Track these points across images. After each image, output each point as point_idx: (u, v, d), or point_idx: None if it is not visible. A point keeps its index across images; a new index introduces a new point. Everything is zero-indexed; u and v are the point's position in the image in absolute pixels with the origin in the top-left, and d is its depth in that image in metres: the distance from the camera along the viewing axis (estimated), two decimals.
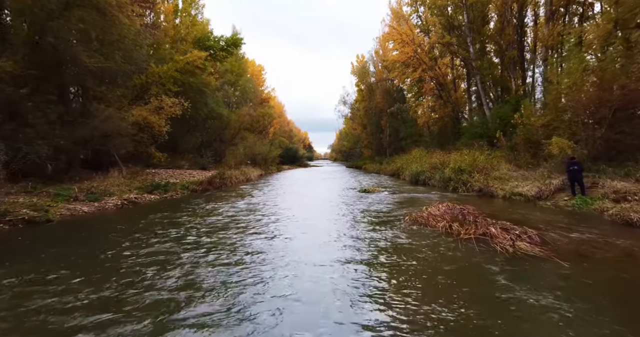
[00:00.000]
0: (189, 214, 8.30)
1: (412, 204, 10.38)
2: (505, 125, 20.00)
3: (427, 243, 5.74)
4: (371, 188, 14.05)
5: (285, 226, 7.07)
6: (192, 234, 6.39)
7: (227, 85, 28.80)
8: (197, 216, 8.05)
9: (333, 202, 10.42)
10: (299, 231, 6.73)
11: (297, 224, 7.34)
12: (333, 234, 6.35)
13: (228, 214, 8.30)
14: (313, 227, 7.02)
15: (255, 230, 6.74)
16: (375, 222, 7.53)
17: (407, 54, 22.93)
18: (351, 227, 6.98)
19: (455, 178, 13.77)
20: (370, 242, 5.83)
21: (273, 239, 6.07)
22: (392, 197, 11.98)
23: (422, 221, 7.31)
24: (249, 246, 5.61)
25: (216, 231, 6.62)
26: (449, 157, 16.89)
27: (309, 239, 6.18)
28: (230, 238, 6.11)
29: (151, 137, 15.00)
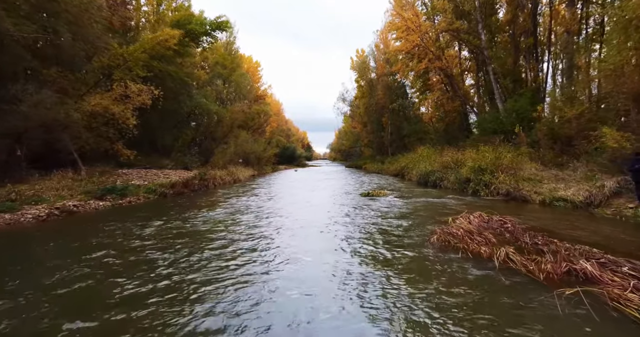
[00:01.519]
0: (118, 235, 5.73)
1: (430, 212, 8.07)
2: (522, 119, 17.77)
3: (485, 292, 3.41)
4: (375, 191, 11.75)
5: (253, 269, 4.10)
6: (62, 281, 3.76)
7: (217, 79, 26.45)
8: (124, 237, 5.66)
9: (330, 212, 8.09)
10: (276, 282, 3.71)
11: (273, 262, 4.35)
12: (330, 283, 3.75)
13: (171, 237, 5.66)
14: (299, 268, 4.19)
15: (201, 278, 3.81)
16: (389, 245, 5.20)
17: (412, 42, 20.62)
18: (356, 262, 4.64)
19: (475, 179, 11.47)
20: (387, 295, 3.49)
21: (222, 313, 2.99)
22: (401, 202, 9.67)
23: (455, 242, 5.00)
24: None
25: (117, 275, 3.97)
26: (463, 155, 14.59)
27: (290, 302, 3.23)
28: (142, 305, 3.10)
29: (117, 132, 12.71)
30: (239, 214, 7.61)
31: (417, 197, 10.91)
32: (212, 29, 16.40)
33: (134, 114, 12.25)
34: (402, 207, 8.69)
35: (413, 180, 17.18)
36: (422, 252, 4.77)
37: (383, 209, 8.33)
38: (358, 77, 37.95)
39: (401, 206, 8.91)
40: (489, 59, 20.24)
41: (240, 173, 19.44)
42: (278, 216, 7.46)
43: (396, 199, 10.30)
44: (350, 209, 8.45)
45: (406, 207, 8.80)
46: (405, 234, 5.84)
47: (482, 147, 14.45)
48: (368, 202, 9.61)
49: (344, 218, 7.14)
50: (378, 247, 5.06)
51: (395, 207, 8.68)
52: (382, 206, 8.89)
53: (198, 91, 22.48)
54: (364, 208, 8.55)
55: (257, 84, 41.46)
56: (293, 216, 7.44)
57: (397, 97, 32.42)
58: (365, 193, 11.69)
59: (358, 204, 9.44)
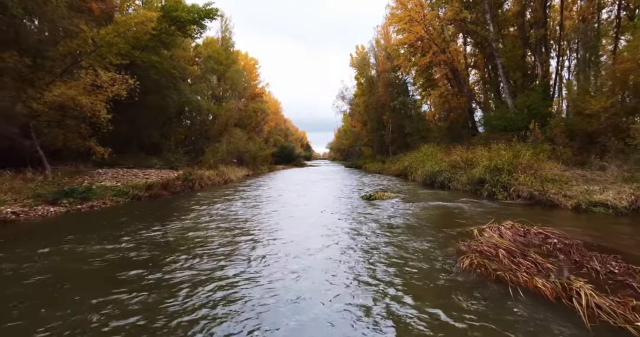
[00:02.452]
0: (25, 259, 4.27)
1: (445, 220, 6.67)
2: (534, 116, 16.43)
3: None
4: (378, 193, 10.35)
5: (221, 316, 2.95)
6: None
7: (210, 75, 25.03)
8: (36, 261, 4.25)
9: (326, 223, 6.64)
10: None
11: (250, 301, 3.09)
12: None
13: (118, 258, 4.33)
14: (282, 305, 2.99)
15: None
16: (405, 277, 3.79)
17: (416, 34, 19.23)
18: (360, 313, 3.23)
19: (490, 180, 10.06)
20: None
21: None
22: (409, 207, 8.27)
23: (493, 268, 3.60)
24: None
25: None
26: (474, 154, 13.20)
27: None
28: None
29: (90, 127, 11.31)
30: (209, 228, 6.17)
31: (426, 200, 9.50)
32: (200, 17, 14.98)
33: (107, 106, 10.84)
34: (411, 214, 7.27)
35: (418, 181, 15.78)
36: (452, 286, 3.36)
37: (389, 217, 6.91)
38: (358, 75, 36.57)
39: (410, 212, 7.50)
40: (497, 51, 18.87)
41: (232, 173, 18.03)
42: (257, 230, 6.02)
43: (402, 203, 8.89)
44: (350, 218, 7.03)
45: (416, 213, 7.39)
46: (423, 255, 4.42)
47: (494, 145, 13.07)
48: (371, 208, 8.19)
49: (342, 233, 5.67)
50: (389, 269, 3.65)
51: (404, 214, 7.26)
52: (387, 213, 7.48)
53: (189, 87, 21.06)
54: (366, 216, 7.13)
55: (254, 81, 40.06)
56: (277, 232, 6.01)
57: (398, 95, 31.03)
58: (367, 196, 10.29)
59: (359, 211, 8.03)
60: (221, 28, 31.69)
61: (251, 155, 24.24)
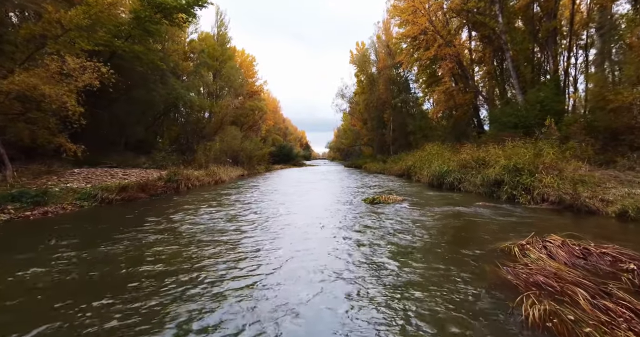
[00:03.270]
0: None
1: (469, 232, 5.42)
2: (547, 112, 15.23)
3: None
4: (382, 196, 9.10)
5: None
6: None
7: (204, 69, 23.74)
8: None
9: (322, 238, 5.21)
10: None
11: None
12: None
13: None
14: None
15: None
16: (434, 317, 2.54)
17: (420, 26, 17.98)
18: None
19: (510, 181, 8.81)
20: None
21: None
22: (419, 213, 7.02)
23: (570, 317, 2.34)
24: None
25: None
26: (486, 152, 11.96)
27: None
28: None
29: (61, 122, 10.05)
30: (174, 243, 4.93)
31: (437, 204, 8.25)
32: (188, 3, 13.70)
33: (80, 98, 9.58)
34: (424, 223, 6.02)
35: (423, 181, 14.53)
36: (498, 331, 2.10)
37: (399, 229, 5.63)
38: (358, 72, 35.29)
39: (422, 221, 6.24)
40: (507, 44, 17.63)
41: (224, 173, 16.76)
42: (233, 253, 4.77)
43: (411, 209, 7.64)
44: (351, 229, 5.73)
45: (429, 222, 6.13)
46: (455, 292, 3.13)
47: (509, 143, 11.83)
48: (376, 216, 6.93)
49: (340, 256, 4.33)
50: (409, 315, 2.40)
51: (415, 224, 6.00)
52: (395, 222, 6.21)
53: (180, 82, 19.78)
54: (371, 227, 5.86)
55: (251, 79, 38.79)
56: (262, 252, 4.76)
57: (399, 92, 29.81)
58: (370, 199, 9.04)
59: (362, 220, 6.78)
60: (216, 23, 30.41)
61: (247, 155, 22.96)
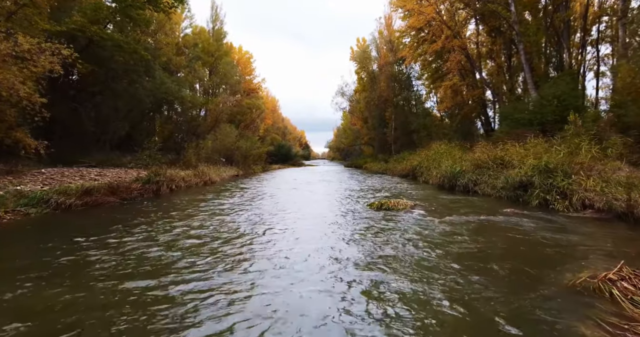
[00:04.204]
0: None
1: (513, 253, 4.04)
2: (565, 107, 13.88)
3: None
4: (390, 201, 7.71)
5: None
6: None
7: (197, 63, 22.33)
8: None
9: (320, 271, 3.53)
10: None
11: None
12: None
13: None
14: None
15: None
16: None
17: (427, 16, 16.60)
18: None
19: (541, 184, 7.42)
20: None
21: None
22: (439, 224, 5.64)
23: None
24: None
25: None
26: (505, 151, 10.59)
27: None
28: None
29: (19, 114, 8.65)
30: (119, 274, 3.55)
31: (457, 211, 6.88)
32: None
33: (41, 86, 8.19)
34: (452, 241, 4.62)
35: (431, 183, 13.16)
36: None
37: (422, 252, 4.24)
38: (358, 69, 33.91)
39: (448, 236, 4.85)
40: (520, 36, 16.27)
41: (216, 173, 15.36)
42: (197, 293, 3.41)
43: (428, 218, 6.25)
44: (357, 252, 4.34)
45: (458, 239, 4.74)
46: None
47: (531, 140, 10.48)
48: (387, 231, 5.53)
49: (345, 299, 3.02)
50: None
51: (440, 242, 4.61)
52: (412, 238, 4.82)
53: (169, 76, 18.37)
54: (382, 229, 4.50)
55: (249, 76, 37.40)
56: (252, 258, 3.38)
57: (402, 89, 28.44)
58: (377, 204, 7.66)
59: (369, 223, 5.41)
60: (211, 17, 29.03)
61: (242, 154, 21.54)
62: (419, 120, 24.12)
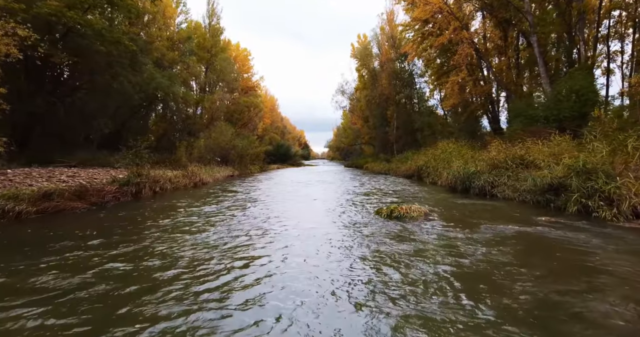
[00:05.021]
0: None
1: (582, 288, 2.87)
2: (584, 103, 12.81)
3: None
4: (401, 207, 6.53)
5: None
6: None
7: (190, 58, 21.14)
8: None
9: (323, 313, 2.49)
10: None
11: None
12: None
13: None
14: None
15: None
16: None
17: (433, 6, 15.43)
18: None
19: (580, 187, 6.25)
20: None
21: None
22: (465, 238, 4.49)
23: None
24: None
25: None
26: (527, 150, 9.41)
27: None
28: None
29: None
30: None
31: (480, 220, 5.71)
32: None
33: None
34: (488, 264, 3.46)
35: (441, 184, 12.00)
36: None
37: (456, 276, 3.08)
38: (359, 66, 32.70)
39: (481, 256, 3.68)
40: (533, 27, 15.10)
41: (208, 174, 14.18)
42: None
43: (449, 228, 5.09)
44: (372, 269, 3.18)
45: (495, 260, 3.56)
46: None
47: (556, 137, 9.32)
48: (405, 249, 4.36)
49: None
50: None
51: (478, 266, 3.45)
52: (440, 261, 3.65)
53: (160, 71, 17.19)
54: (401, 250, 3.33)
55: (247, 74, 36.21)
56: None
57: (404, 87, 27.27)
58: (386, 211, 6.48)
59: (381, 239, 4.24)
60: (207, 12, 27.81)
61: (238, 153, 20.36)
62: (423, 119, 22.97)
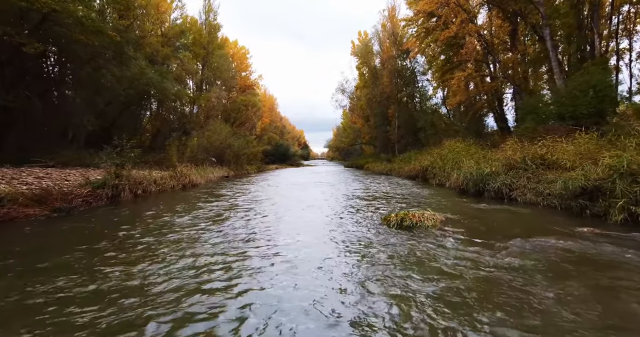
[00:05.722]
0: None
1: None
2: (602, 99, 11.88)
3: None
4: (412, 214, 5.55)
5: None
6: None
7: (183, 54, 20.15)
8: None
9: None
10: None
11: None
12: None
13: None
14: None
15: None
16: None
17: None
18: None
19: (626, 192, 5.26)
20: None
21: None
22: (506, 258, 3.51)
23: None
24: None
25: None
26: (549, 149, 8.42)
27: None
28: None
29: None
30: None
31: (507, 229, 4.74)
32: None
33: None
34: (544, 304, 2.49)
35: (448, 186, 11.02)
36: None
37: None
38: (360, 64, 31.73)
39: (548, 295, 2.72)
40: (545, 18, 14.14)
41: (200, 174, 13.19)
42: None
43: (478, 243, 4.11)
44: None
45: (561, 303, 2.61)
46: None
47: (579, 135, 8.34)
48: (412, 246, 3.38)
49: None
50: None
51: (544, 308, 2.47)
52: (473, 299, 2.68)
53: (151, 66, 16.20)
54: (427, 282, 2.35)
55: (245, 72, 35.21)
56: None
57: (406, 85, 26.32)
58: (395, 219, 5.49)
59: (399, 264, 3.26)
60: (204, 8, 26.80)
61: (234, 153, 19.36)
62: (426, 117, 21.98)
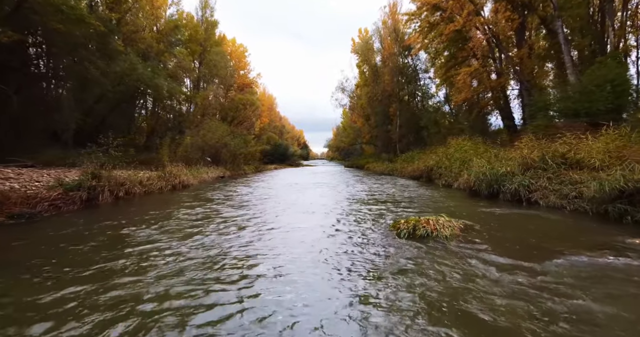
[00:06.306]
0: None
1: None
2: (620, 94, 11.08)
3: None
4: (424, 220, 4.74)
5: None
6: None
7: (176, 50, 19.34)
8: None
9: None
10: None
11: None
12: None
13: None
14: None
15: None
16: None
17: None
18: None
19: None
20: None
21: None
22: (539, 282, 2.71)
23: None
24: None
25: None
26: (572, 147, 7.61)
27: None
28: None
29: None
30: None
31: (539, 242, 3.93)
32: None
33: None
34: None
35: (456, 187, 10.21)
36: None
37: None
38: (360, 62, 30.91)
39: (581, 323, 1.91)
40: (557, 10, 13.32)
41: (193, 175, 12.37)
42: None
43: (507, 264, 3.31)
44: None
45: None
46: None
47: (606, 131, 7.53)
48: (426, 265, 2.55)
49: None
50: None
51: None
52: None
53: (142, 61, 15.39)
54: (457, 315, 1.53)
55: (243, 70, 34.39)
56: None
57: (407, 83, 25.51)
58: (406, 226, 4.68)
59: (423, 296, 2.45)
60: (200, 4, 26.02)
61: (230, 152, 18.55)
62: (429, 115, 21.16)
